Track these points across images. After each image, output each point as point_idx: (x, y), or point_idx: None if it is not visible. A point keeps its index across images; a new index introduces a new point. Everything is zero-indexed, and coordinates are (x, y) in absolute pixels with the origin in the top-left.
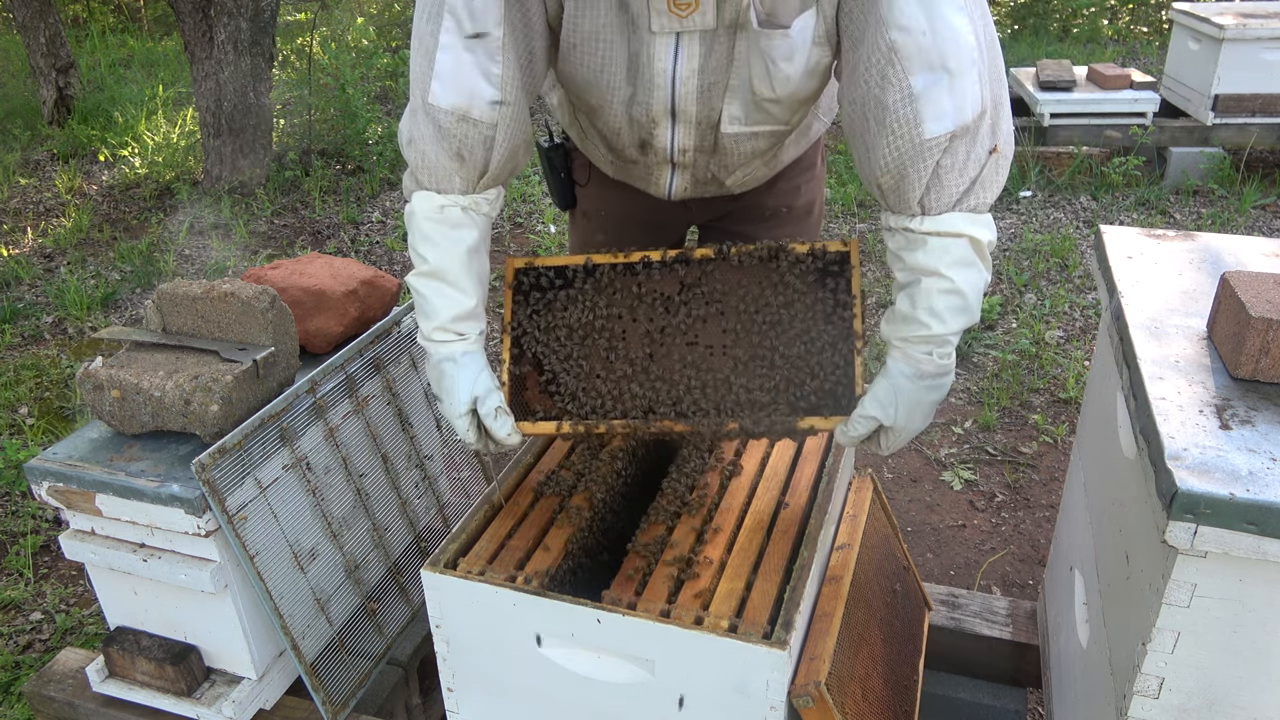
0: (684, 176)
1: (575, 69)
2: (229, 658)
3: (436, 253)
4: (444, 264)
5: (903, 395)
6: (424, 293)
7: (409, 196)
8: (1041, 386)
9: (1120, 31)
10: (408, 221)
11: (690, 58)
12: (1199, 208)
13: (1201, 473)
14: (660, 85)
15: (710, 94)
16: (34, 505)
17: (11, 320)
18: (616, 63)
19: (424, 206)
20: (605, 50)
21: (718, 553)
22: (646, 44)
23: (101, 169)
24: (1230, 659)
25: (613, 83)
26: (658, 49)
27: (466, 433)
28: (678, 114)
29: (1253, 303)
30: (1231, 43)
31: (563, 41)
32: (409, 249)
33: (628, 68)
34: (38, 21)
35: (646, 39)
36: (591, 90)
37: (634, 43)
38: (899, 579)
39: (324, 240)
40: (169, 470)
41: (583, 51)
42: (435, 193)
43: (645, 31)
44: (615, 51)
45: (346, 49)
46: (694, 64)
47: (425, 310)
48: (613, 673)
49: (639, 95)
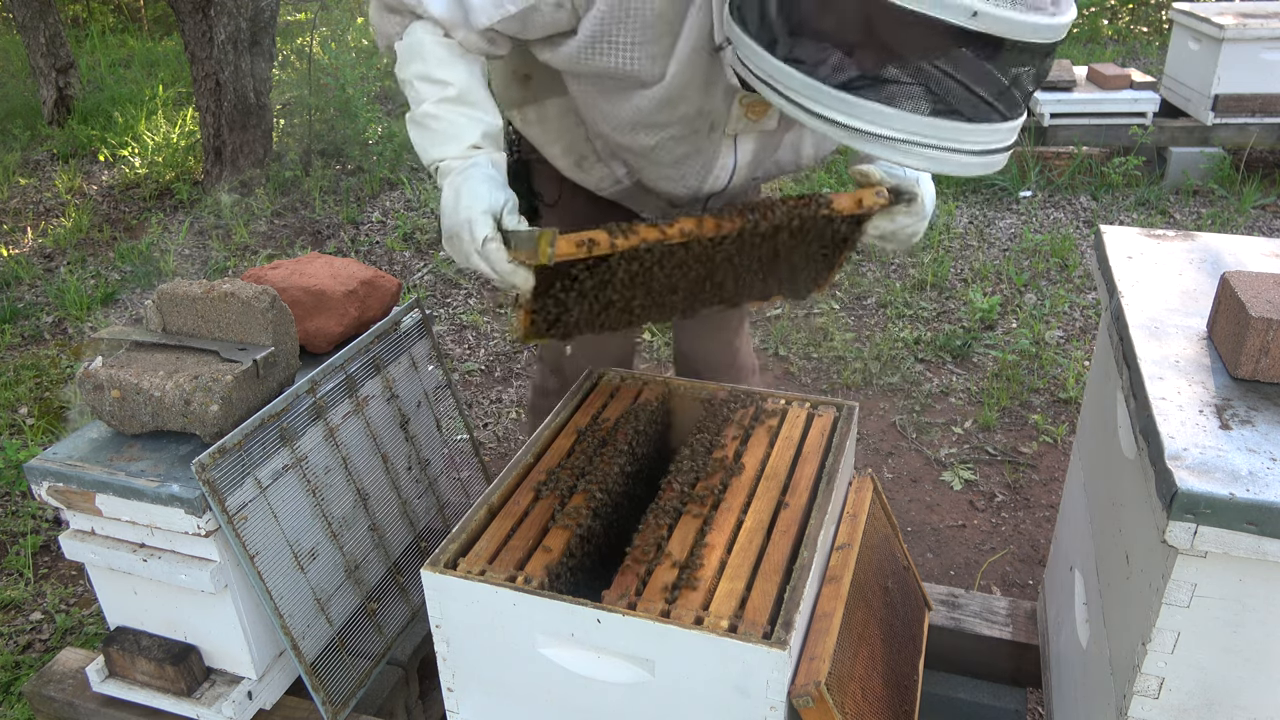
0: None
1: (638, 141)
2: (229, 658)
3: (458, 74)
4: (468, 86)
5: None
6: (447, 117)
7: (400, 32)
8: (1041, 386)
9: (1120, 31)
10: (407, 54)
11: (745, 153)
12: (1199, 208)
13: (1201, 473)
14: (719, 177)
15: (752, 174)
16: (34, 505)
17: (11, 320)
18: (681, 149)
19: (432, 35)
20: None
21: (718, 553)
22: (716, 143)
23: (101, 169)
24: (1230, 659)
25: (670, 160)
26: (724, 148)
27: (486, 233)
28: (719, 194)
29: (1253, 303)
30: (1231, 43)
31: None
32: (407, 83)
33: (686, 157)
34: (38, 21)
35: (717, 140)
36: (649, 163)
37: (703, 141)
38: (899, 579)
39: (324, 240)
40: (169, 470)
41: (657, 131)
42: (437, 24)
43: (718, 134)
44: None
45: (346, 49)
46: (748, 158)
47: (448, 134)
48: (613, 673)
49: (691, 181)
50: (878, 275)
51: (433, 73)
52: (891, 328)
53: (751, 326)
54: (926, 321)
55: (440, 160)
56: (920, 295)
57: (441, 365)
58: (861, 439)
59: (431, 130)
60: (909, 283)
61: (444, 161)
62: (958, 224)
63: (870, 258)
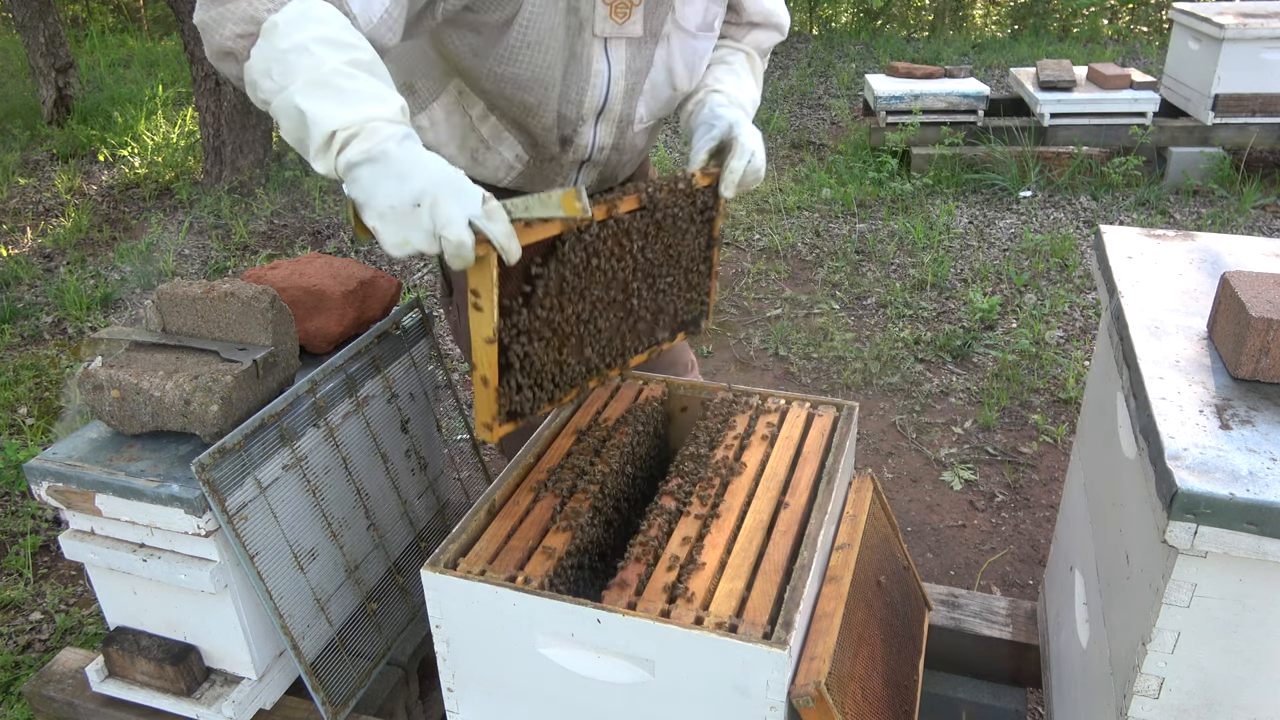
0: (591, 174)
1: (522, 68)
2: (229, 658)
3: (367, 45)
4: (377, 60)
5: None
6: (364, 78)
7: (276, 5)
8: (1041, 386)
9: (1120, 31)
10: (297, 21)
11: (618, 61)
12: (1199, 208)
13: (1201, 473)
14: (596, 85)
15: (631, 95)
16: (34, 505)
17: (11, 320)
18: (558, 63)
19: (328, 7)
20: (552, 50)
21: (717, 553)
22: (587, 46)
23: (101, 169)
24: (1230, 659)
25: (553, 79)
26: (595, 52)
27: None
28: (605, 112)
29: (1253, 303)
30: (1231, 42)
31: (514, 40)
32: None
33: (565, 68)
34: (37, 21)
35: (588, 41)
36: (533, 88)
37: (575, 45)
38: (899, 579)
39: (324, 240)
40: (169, 470)
41: (534, 50)
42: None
43: (588, 35)
44: (558, 53)
45: None
46: (622, 66)
47: (372, 94)
48: (613, 673)
49: (573, 94)
50: (878, 275)
51: (339, 36)
52: (891, 328)
53: (751, 327)
54: (926, 321)
55: (365, 123)
56: (920, 295)
57: (442, 365)
58: (861, 439)
59: (345, 90)
60: (909, 283)
61: (371, 123)
62: (958, 224)
63: (870, 258)
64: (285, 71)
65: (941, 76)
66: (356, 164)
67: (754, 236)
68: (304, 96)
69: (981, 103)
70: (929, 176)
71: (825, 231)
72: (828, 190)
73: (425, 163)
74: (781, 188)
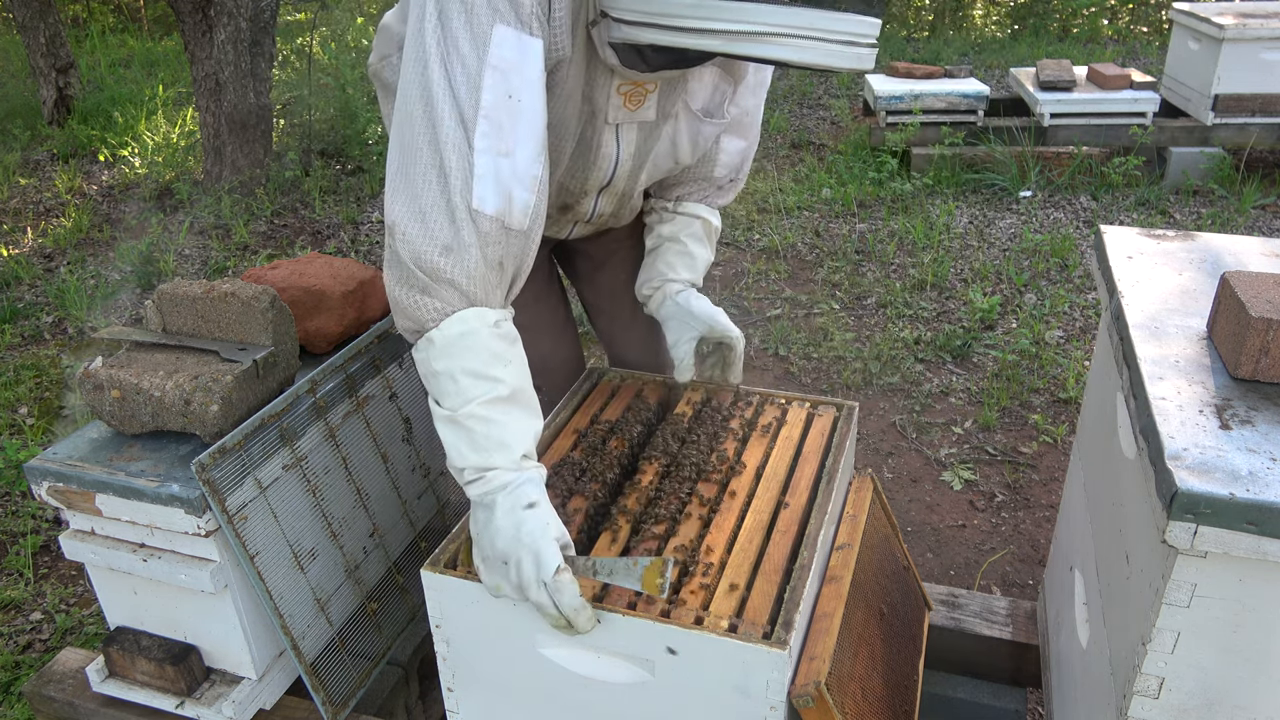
0: (584, 227)
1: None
2: (229, 658)
3: (512, 372)
4: (519, 384)
5: None
6: (498, 420)
7: (437, 319)
8: (1041, 386)
9: (1120, 31)
10: (452, 347)
11: (628, 144)
12: (1199, 208)
13: (1201, 473)
14: (603, 167)
15: (636, 172)
16: (34, 505)
17: (11, 320)
18: (567, 146)
19: (482, 323)
20: (564, 138)
21: (717, 553)
22: (598, 132)
23: (101, 169)
24: (1230, 659)
25: (559, 160)
26: (606, 137)
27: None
28: (608, 189)
29: (1253, 303)
30: (1231, 43)
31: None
32: (444, 376)
33: (573, 150)
34: (38, 21)
35: (599, 128)
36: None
37: (586, 131)
38: (899, 579)
39: (324, 240)
40: (169, 470)
41: (551, 134)
42: (486, 308)
43: (600, 122)
44: (567, 139)
45: (346, 49)
46: (631, 149)
47: (499, 440)
48: (613, 673)
49: (578, 172)
50: (878, 275)
51: (485, 369)
52: (891, 328)
53: (751, 327)
54: (926, 321)
55: (486, 470)
56: (920, 295)
57: None
58: (861, 439)
59: (475, 434)
60: (909, 283)
61: (491, 472)
62: (958, 224)
63: (870, 258)
64: (436, 390)
65: (941, 76)
66: (475, 503)
67: (754, 236)
68: (443, 427)
69: (981, 103)
70: (929, 176)
71: (825, 231)
72: (828, 190)
73: (517, 521)
74: (781, 188)
